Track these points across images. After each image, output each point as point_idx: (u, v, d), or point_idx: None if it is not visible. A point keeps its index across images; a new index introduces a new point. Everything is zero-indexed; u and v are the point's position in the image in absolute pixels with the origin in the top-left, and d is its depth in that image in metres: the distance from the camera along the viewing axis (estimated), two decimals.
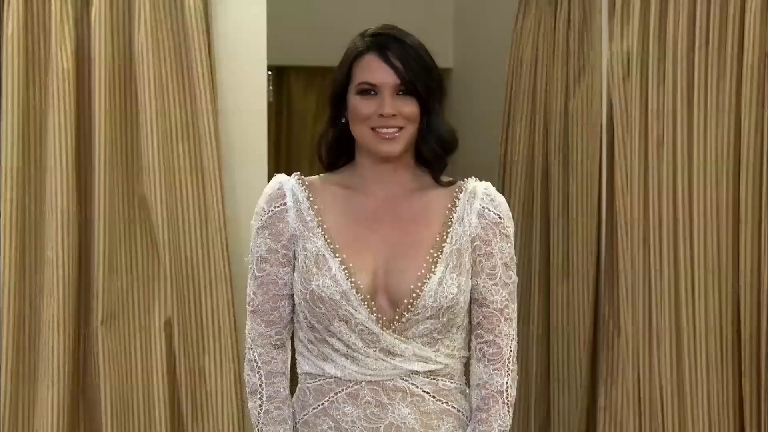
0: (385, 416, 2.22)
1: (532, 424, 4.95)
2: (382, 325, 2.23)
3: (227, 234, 4.15)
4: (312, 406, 2.27)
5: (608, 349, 4.40)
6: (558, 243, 4.79)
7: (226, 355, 4.23)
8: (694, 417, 3.68)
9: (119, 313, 4.13)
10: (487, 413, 2.26)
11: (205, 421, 4.23)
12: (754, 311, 3.44)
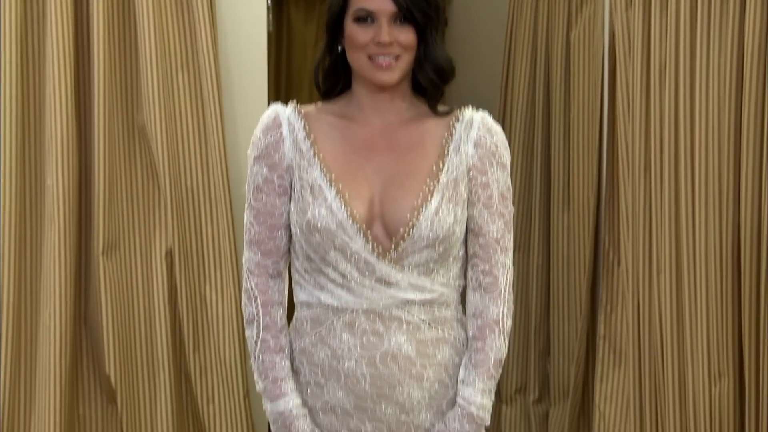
0: (381, 344, 2.23)
1: (531, 353, 4.98)
2: (377, 254, 2.23)
3: (227, 163, 4.15)
4: (309, 334, 2.28)
5: (608, 278, 4.41)
6: (558, 172, 4.78)
7: (227, 284, 4.25)
8: (693, 345, 3.69)
9: (120, 243, 4.13)
10: (483, 342, 2.27)
11: (206, 350, 4.26)
12: (754, 239, 3.44)
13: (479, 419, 2.25)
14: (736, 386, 3.44)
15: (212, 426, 4.27)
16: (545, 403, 4.98)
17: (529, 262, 4.94)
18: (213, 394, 4.27)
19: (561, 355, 4.89)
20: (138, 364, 4.22)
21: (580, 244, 4.69)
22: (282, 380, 2.26)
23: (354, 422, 2.24)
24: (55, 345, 4.06)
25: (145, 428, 4.23)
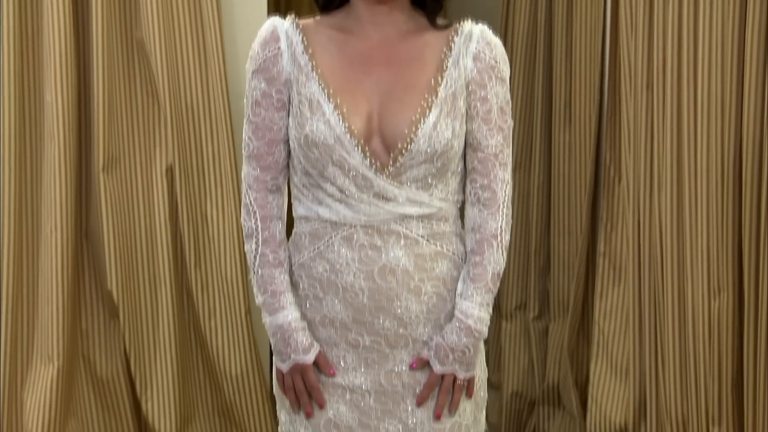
0: (379, 258, 2.24)
1: (531, 270, 5.00)
2: (375, 169, 2.23)
3: (227, 80, 4.12)
4: (307, 249, 2.28)
5: (609, 195, 4.41)
6: (560, 89, 4.75)
7: (227, 201, 4.25)
8: (693, 260, 3.70)
9: (120, 159, 4.13)
10: (482, 256, 2.28)
11: (207, 266, 4.27)
12: (756, 155, 3.43)
13: (477, 332, 2.26)
14: (735, 301, 3.45)
15: (214, 341, 4.30)
16: (545, 319, 5.00)
17: (530, 180, 4.93)
18: (214, 309, 4.29)
19: (561, 272, 4.91)
20: (140, 280, 4.24)
21: (581, 161, 4.68)
22: (281, 294, 2.27)
23: (352, 335, 2.26)
24: (56, 260, 4.08)
25: (147, 343, 4.27)
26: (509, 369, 5.02)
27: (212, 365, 4.32)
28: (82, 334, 4.24)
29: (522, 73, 4.85)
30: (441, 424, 2.26)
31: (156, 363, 4.25)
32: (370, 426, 2.25)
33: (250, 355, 4.32)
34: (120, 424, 4.28)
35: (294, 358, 2.26)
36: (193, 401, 4.36)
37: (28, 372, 4.18)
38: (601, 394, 4.44)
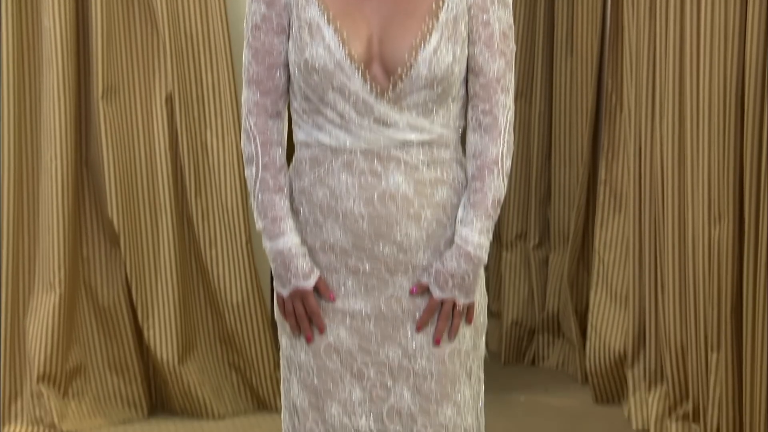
0: (379, 184, 2.23)
1: (532, 200, 5.00)
2: (375, 94, 2.21)
3: (226, 6, 4.09)
4: (307, 174, 2.28)
5: (610, 124, 4.40)
6: (562, 17, 4.72)
7: (227, 130, 4.24)
8: (694, 188, 3.70)
9: (119, 87, 4.11)
10: (482, 182, 2.27)
11: (207, 195, 4.27)
12: (758, 83, 3.41)
13: (476, 258, 2.26)
14: (735, 228, 3.45)
15: (215, 270, 4.31)
16: (545, 248, 5.01)
17: (531, 109, 4.92)
18: (215, 238, 4.30)
19: (561, 202, 4.91)
20: (140, 209, 4.24)
21: (583, 89, 4.66)
22: (281, 219, 2.27)
23: (352, 261, 2.26)
24: (57, 189, 4.07)
25: (148, 271, 4.28)
26: (509, 298, 5.04)
27: (213, 293, 4.34)
28: (84, 262, 4.25)
29: (524, 0, 4.81)
30: (440, 349, 2.27)
31: (157, 291, 4.27)
32: (369, 350, 2.26)
33: (251, 283, 4.33)
34: (122, 351, 4.31)
35: (294, 283, 2.27)
36: (194, 329, 4.38)
37: (30, 299, 4.20)
38: (601, 322, 4.46)
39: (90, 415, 4.27)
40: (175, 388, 4.32)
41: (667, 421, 4.06)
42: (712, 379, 3.57)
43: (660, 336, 4.11)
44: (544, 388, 4.72)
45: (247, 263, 4.33)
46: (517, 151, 4.87)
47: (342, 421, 2.25)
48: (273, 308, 2.36)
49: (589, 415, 4.39)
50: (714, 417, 3.57)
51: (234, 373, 4.43)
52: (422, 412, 2.25)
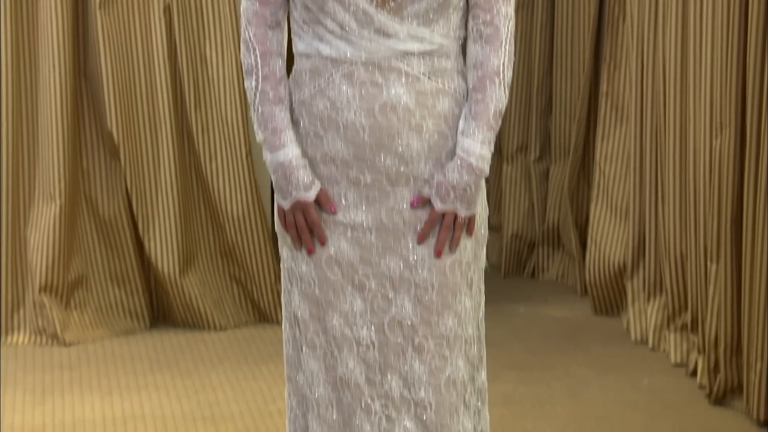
0: (380, 95, 2.22)
1: (533, 112, 4.98)
2: (376, 4, 2.19)
3: None
4: (308, 86, 2.26)
5: (612, 35, 4.36)
6: None
7: (227, 44, 4.21)
8: (696, 98, 3.68)
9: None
10: (484, 93, 2.26)
11: (207, 108, 4.26)
12: None
13: (478, 170, 2.26)
14: (737, 139, 3.44)
15: (215, 183, 4.31)
16: (546, 161, 5.01)
17: (533, 20, 4.88)
18: (215, 152, 4.29)
19: (563, 114, 4.89)
20: (140, 121, 4.23)
21: (585, 0, 4.62)
22: (281, 131, 2.26)
23: (353, 173, 2.26)
24: (55, 100, 4.06)
25: (148, 184, 4.28)
26: (509, 211, 5.04)
27: (213, 206, 4.35)
28: (84, 174, 4.25)
29: None
30: (441, 260, 2.28)
31: (158, 204, 4.27)
32: (371, 262, 2.27)
33: (251, 196, 4.34)
34: (123, 263, 4.33)
35: (295, 195, 2.26)
36: (195, 241, 4.39)
37: (30, 210, 4.20)
38: (601, 234, 4.47)
39: (92, 325, 4.30)
40: (177, 300, 4.35)
41: (665, 331, 4.09)
42: (711, 289, 3.59)
43: (659, 247, 4.12)
44: (544, 300, 4.75)
45: (247, 176, 4.32)
46: (518, 62, 4.84)
47: (343, 331, 2.26)
48: (273, 221, 2.36)
49: (588, 325, 4.43)
50: (712, 327, 3.60)
51: (235, 286, 4.45)
52: (423, 322, 2.26)
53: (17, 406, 3.70)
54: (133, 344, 4.26)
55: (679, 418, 3.56)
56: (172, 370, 4.00)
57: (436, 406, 2.26)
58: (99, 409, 3.68)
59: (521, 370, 3.95)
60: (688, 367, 3.89)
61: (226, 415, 3.61)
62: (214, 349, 4.22)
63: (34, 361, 4.09)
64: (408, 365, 2.26)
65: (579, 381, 3.87)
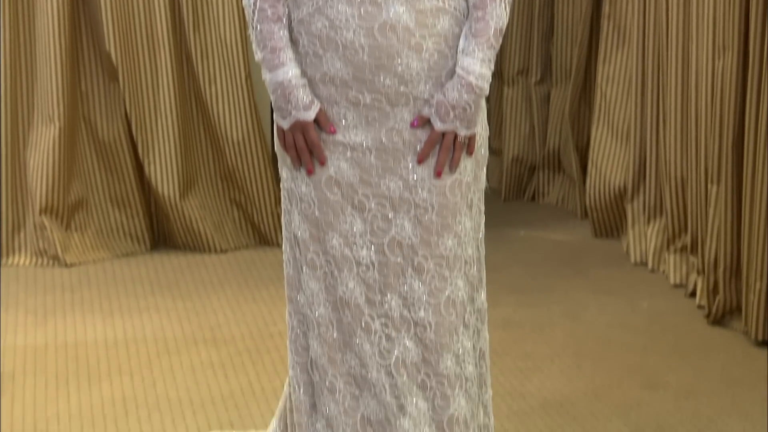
0: (379, 14, 2.20)
1: (534, 35, 4.95)
2: None
3: None
4: (306, 5, 2.24)
5: None
6: None
7: None
8: (699, 19, 3.65)
9: None
10: (484, 11, 2.23)
11: (206, 30, 4.22)
12: None
13: (478, 89, 2.24)
14: (739, 60, 3.42)
15: (214, 106, 4.30)
16: (547, 84, 4.98)
17: None
18: (215, 75, 4.27)
19: (564, 36, 4.86)
20: (138, 43, 4.20)
21: None
22: (280, 50, 2.24)
23: (353, 93, 2.24)
24: (53, 21, 4.03)
25: (147, 107, 4.26)
26: (510, 135, 5.03)
27: (213, 130, 4.34)
28: (82, 96, 4.23)
29: None
30: (441, 181, 2.27)
31: (157, 127, 4.26)
32: (370, 183, 2.26)
33: (251, 120, 4.32)
34: (123, 186, 4.33)
35: (295, 115, 2.25)
36: (194, 165, 4.39)
37: (29, 132, 4.20)
38: (601, 157, 4.46)
39: (93, 248, 4.31)
40: (177, 223, 4.35)
41: (665, 253, 4.10)
42: (711, 211, 3.59)
43: (660, 170, 4.12)
44: (544, 224, 4.75)
45: (247, 99, 4.31)
46: None
47: (343, 252, 2.27)
48: (273, 144, 2.35)
49: (588, 248, 4.44)
50: (712, 249, 3.60)
51: (235, 209, 4.45)
52: (423, 243, 2.27)
53: (19, 327, 3.73)
54: (134, 266, 4.28)
55: (677, 339, 3.58)
56: (173, 293, 4.02)
57: (436, 326, 2.27)
58: (100, 330, 3.70)
59: (521, 294, 3.97)
60: (687, 289, 3.91)
61: (227, 337, 3.63)
62: (215, 272, 4.23)
63: (35, 282, 4.10)
64: (408, 285, 2.27)
65: (578, 304, 3.89)
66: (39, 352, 3.52)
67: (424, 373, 2.27)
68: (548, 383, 3.29)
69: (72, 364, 3.44)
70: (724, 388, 3.25)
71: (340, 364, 2.28)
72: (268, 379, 3.32)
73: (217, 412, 3.13)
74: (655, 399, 3.19)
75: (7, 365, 3.43)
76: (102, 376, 3.36)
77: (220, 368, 3.41)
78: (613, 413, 3.10)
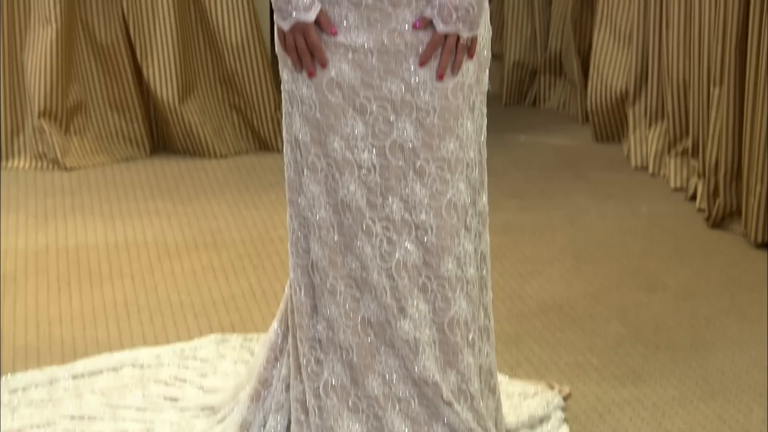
0: None
1: None
2: None
3: None
4: None
5: None
6: None
7: None
8: None
9: None
10: None
11: None
12: None
13: None
14: None
15: (213, 10, 4.26)
16: None
17: None
18: None
19: None
20: None
21: None
22: None
23: None
24: None
25: (145, 10, 4.23)
26: (511, 39, 5.00)
27: (212, 34, 4.30)
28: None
29: None
30: (443, 83, 2.26)
31: (155, 30, 4.23)
32: (372, 85, 2.25)
33: (250, 24, 4.29)
34: (122, 90, 4.31)
35: (295, 16, 2.23)
36: (193, 69, 4.36)
37: (27, 34, 4.16)
38: (603, 61, 4.43)
39: (92, 152, 4.30)
40: (177, 127, 4.34)
41: (666, 157, 4.09)
42: (713, 114, 3.58)
43: (662, 73, 4.10)
44: (545, 129, 4.74)
45: (246, 2, 4.26)
46: None
47: (344, 155, 2.26)
48: (273, 48, 2.33)
49: (589, 153, 4.43)
50: (713, 151, 3.60)
51: (235, 114, 4.44)
52: (424, 146, 2.26)
53: (20, 229, 3.73)
54: (134, 171, 4.27)
55: (677, 243, 3.60)
56: (173, 197, 4.02)
57: (437, 229, 2.27)
58: (101, 233, 3.71)
59: (521, 199, 3.97)
60: (687, 192, 3.91)
61: (227, 241, 3.64)
62: (215, 177, 4.23)
63: (35, 185, 4.10)
64: (409, 188, 2.27)
65: (578, 208, 3.89)
66: (40, 255, 3.54)
67: (425, 276, 2.28)
68: (548, 286, 3.31)
69: (73, 267, 3.45)
70: (723, 290, 3.27)
71: (341, 267, 2.29)
72: (268, 283, 3.33)
73: (218, 315, 3.15)
74: (653, 301, 3.21)
75: (9, 267, 3.45)
76: (103, 279, 3.38)
77: (221, 272, 3.42)
78: (612, 315, 3.12)
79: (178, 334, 3.05)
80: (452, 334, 2.28)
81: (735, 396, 2.70)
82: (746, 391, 2.72)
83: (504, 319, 3.06)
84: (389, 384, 2.28)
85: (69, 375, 2.79)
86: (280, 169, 2.46)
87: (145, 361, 2.85)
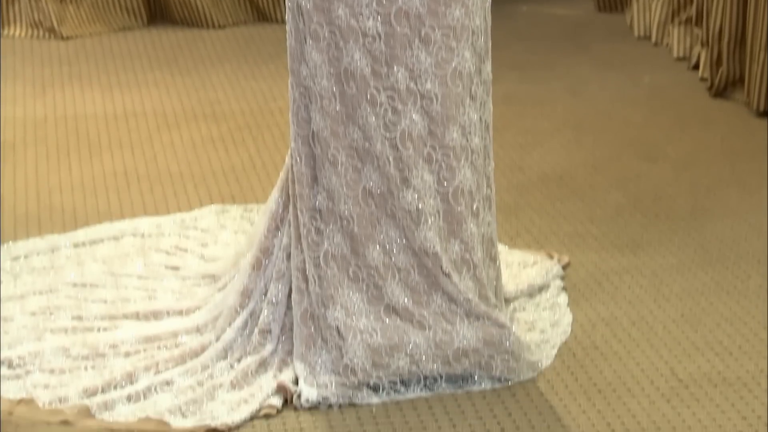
0: None
1: None
2: None
3: None
4: None
5: None
6: None
7: None
8: None
9: None
10: None
11: None
12: None
13: None
14: None
15: None
16: None
17: None
18: None
19: None
20: None
21: None
22: None
23: None
24: None
25: None
26: None
27: None
28: None
29: None
30: None
31: None
32: None
33: None
34: None
35: None
36: None
37: None
38: None
39: (89, 21, 4.25)
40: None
41: (669, 26, 4.05)
42: None
43: None
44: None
45: None
46: None
47: (349, 22, 2.23)
48: None
49: (592, 22, 4.38)
50: (717, 19, 3.56)
51: None
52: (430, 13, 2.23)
53: (18, 98, 3.71)
54: (131, 41, 4.23)
55: (678, 112, 3.58)
56: (171, 68, 3.99)
57: (442, 98, 2.25)
58: (99, 104, 3.68)
59: (522, 70, 3.94)
60: (690, 62, 3.88)
61: (226, 112, 3.62)
62: (213, 48, 4.18)
63: (32, 54, 4.06)
64: (414, 57, 2.24)
65: (580, 79, 3.87)
66: (39, 124, 3.52)
67: (429, 146, 2.27)
68: (548, 157, 3.30)
69: (72, 137, 3.43)
70: (724, 159, 3.26)
71: (342, 137, 2.27)
72: (268, 154, 3.32)
73: (218, 185, 3.15)
74: (653, 170, 3.21)
75: (7, 135, 3.43)
76: (103, 149, 3.37)
77: (220, 143, 3.41)
78: (612, 185, 3.12)
79: (179, 204, 3.05)
80: (457, 204, 2.28)
81: (733, 263, 2.71)
82: (744, 257, 2.73)
83: (504, 190, 3.06)
84: (389, 254, 2.29)
85: (70, 243, 2.80)
86: (279, 41, 2.43)
87: (145, 231, 2.86)
